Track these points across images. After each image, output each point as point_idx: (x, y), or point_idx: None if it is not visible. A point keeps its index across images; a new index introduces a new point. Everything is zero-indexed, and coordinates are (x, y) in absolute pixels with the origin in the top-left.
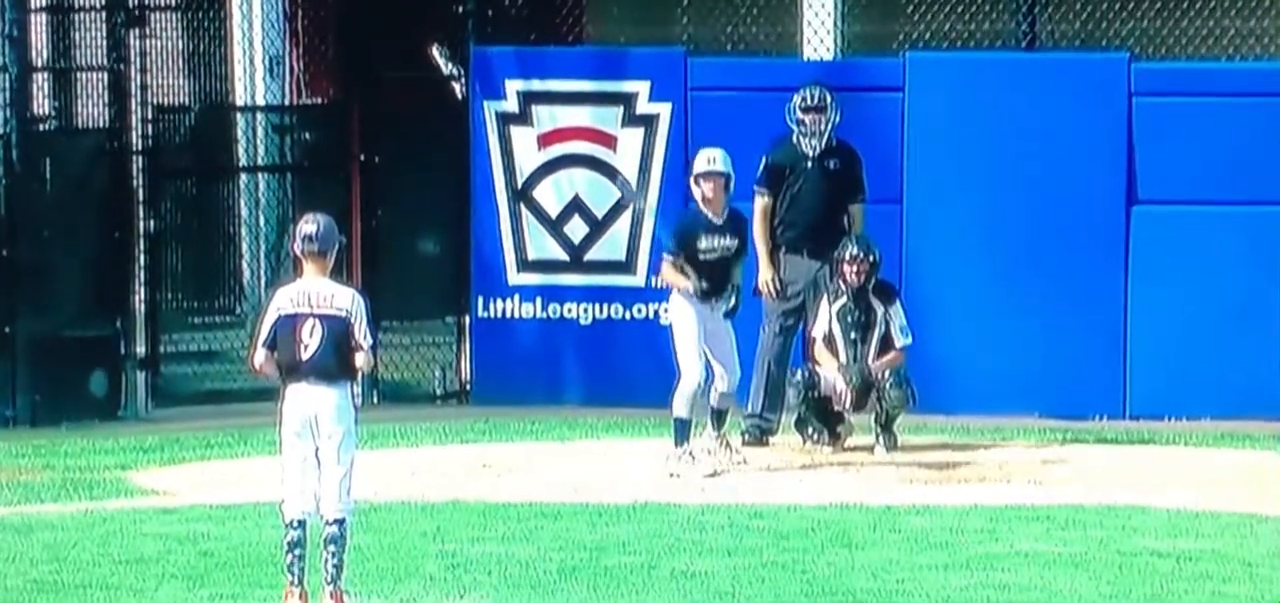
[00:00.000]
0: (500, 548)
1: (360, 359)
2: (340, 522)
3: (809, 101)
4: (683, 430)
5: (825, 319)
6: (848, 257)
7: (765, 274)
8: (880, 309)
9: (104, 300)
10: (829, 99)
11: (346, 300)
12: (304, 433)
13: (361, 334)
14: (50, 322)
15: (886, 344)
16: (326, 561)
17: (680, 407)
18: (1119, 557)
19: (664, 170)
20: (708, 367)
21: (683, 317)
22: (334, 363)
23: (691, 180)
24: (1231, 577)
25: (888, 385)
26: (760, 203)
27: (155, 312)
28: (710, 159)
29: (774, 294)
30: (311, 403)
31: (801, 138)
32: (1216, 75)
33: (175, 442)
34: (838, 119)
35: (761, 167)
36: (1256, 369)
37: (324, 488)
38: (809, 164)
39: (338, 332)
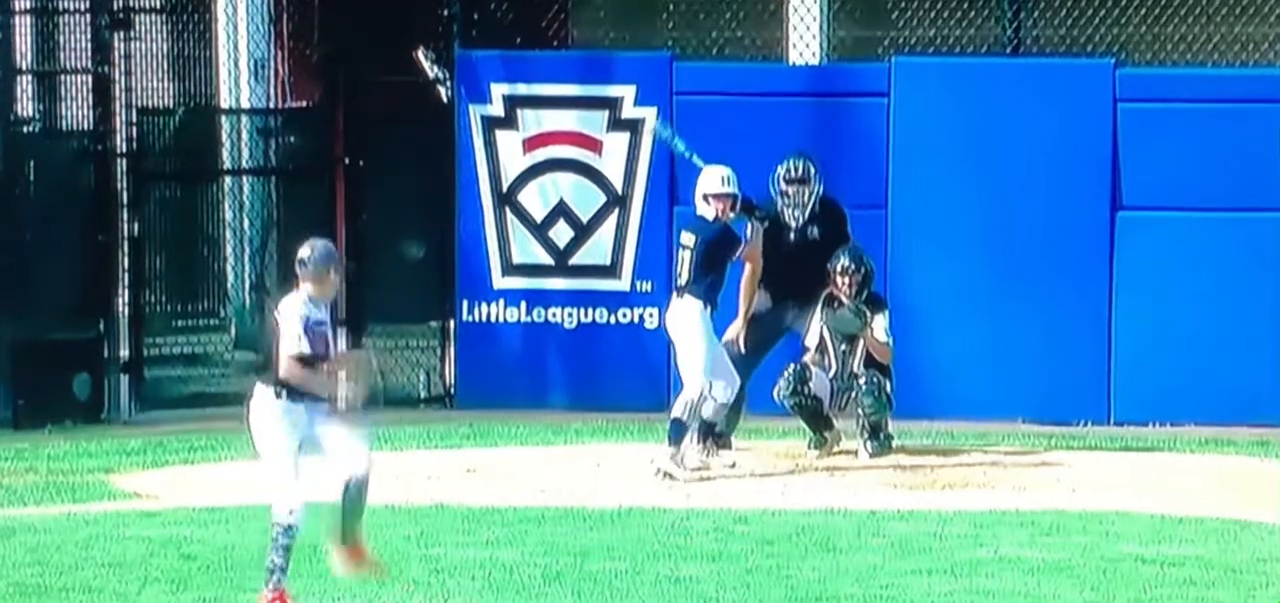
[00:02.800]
0: (485, 553)
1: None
2: (288, 528)
3: (792, 174)
4: (677, 433)
5: (816, 330)
6: (840, 268)
7: (734, 330)
8: (868, 315)
9: (87, 303)
10: (813, 171)
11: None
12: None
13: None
14: (33, 324)
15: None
16: (272, 560)
17: (680, 410)
18: (1103, 563)
19: (649, 175)
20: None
21: (695, 327)
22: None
23: (701, 198)
24: (1215, 583)
25: (861, 392)
26: (750, 270)
27: (139, 315)
28: (724, 179)
29: (741, 350)
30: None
31: (785, 209)
32: (1202, 81)
33: (158, 445)
34: (820, 190)
35: (750, 231)
36: (1241, 375)
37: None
38: (791, 236)
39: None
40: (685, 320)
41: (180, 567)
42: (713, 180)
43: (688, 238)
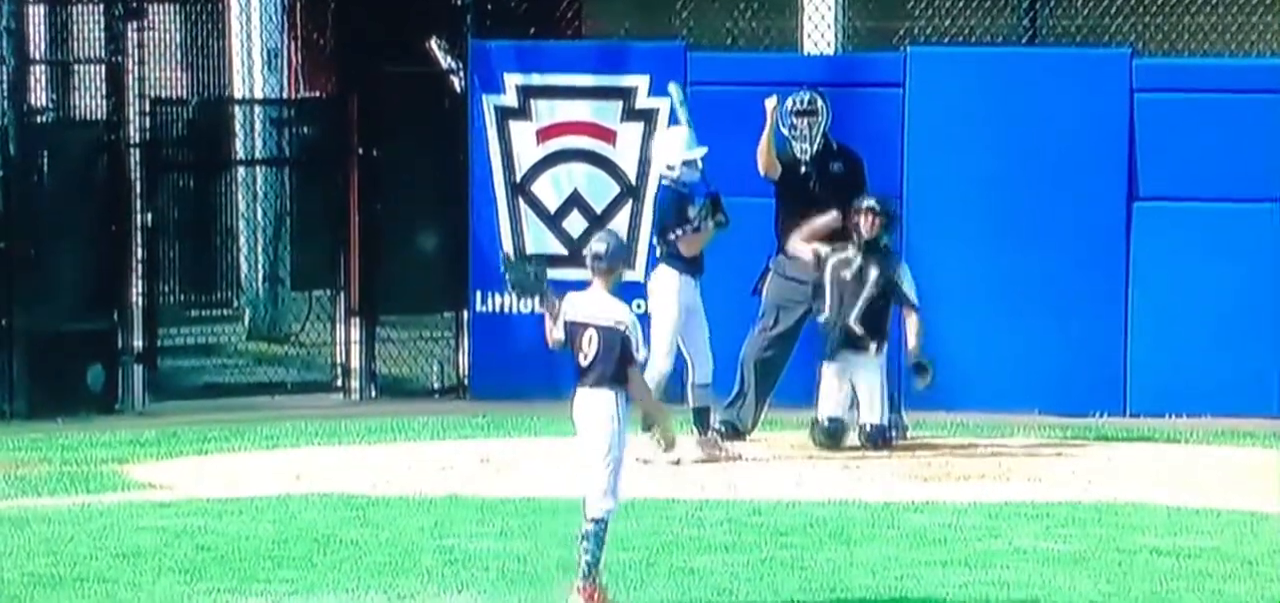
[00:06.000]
0: (498, 543)
1: (632, 371)
2: (596, 521)
3: (799, 105)
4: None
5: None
6: (866, 207)
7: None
8: (874, 272)
9: (101, 294)
10: (820, 102)
11: (624, 315)
12: (581, 434)
13: (635, 347)
14: (47, 315)
15: (872, 311)
16: (580, 556)
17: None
18: (1118, 555)
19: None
20: (679, 358)
21: (670, 300)
22: (606, 372)
23: (672, 166)
24: (1231, 575)
25: (863, 438)
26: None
27: (153, 305)
28: (687, 142)
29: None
30: (584, 406)
31: (794, 141)
32: (1219, 71)
33: (172, 436)
34: (829, 121)
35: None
36: (1257, 367)
37: (588, 486)
38: (806, 167)
39: (613, 343)
40: (657, 291)
41: (194, 557)
42: (678, 147)
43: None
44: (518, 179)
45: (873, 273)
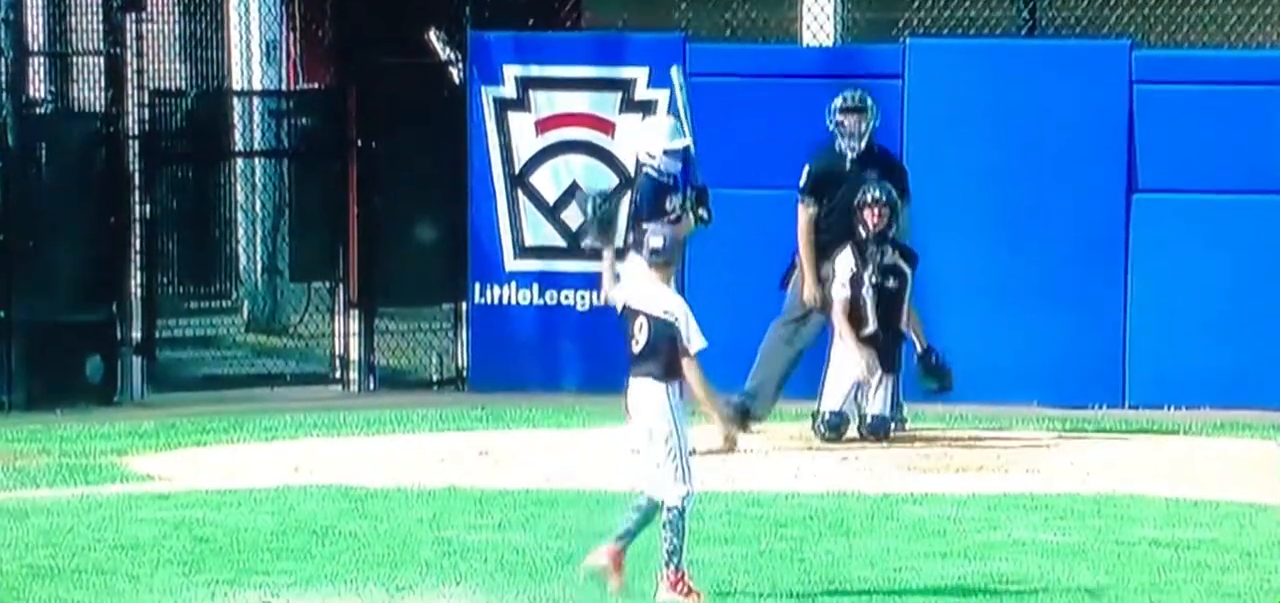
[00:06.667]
0: (497, 535)
1: (685, 363)
2: (673, 509)
3: (848, 103)
4: None
5: (845, 270)
6: (870, 199)
7: (811, 290)
8: (881, 257)
9: (100, 285)
10: (868, 102)
11: (674, 306)
12: (633, 422)
13: (687, 338)
14: (46, 306)
15: (882, 292)
16: (661, 545)
17: None
18: (1117, 546)
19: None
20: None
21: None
22: (657, 363)
23: (653, 154)
24: (1230, 567)
25: (864, 428)
26: (805, 214)
27: (151, 297)
28: (671, 131)
29: (818, 306)
30: (637, 395)
31: (841, 139)
32: (1218, 63)
33: (171, 427)
34: (877, 122)
35: (804, 176)
36: (1257, 359)
37: (654, 477)
38: (848, 167)
39: (661, 334)
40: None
41: (192, 549)
42: (660, 136)
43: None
44: (517, 170)
45: (876, 259)
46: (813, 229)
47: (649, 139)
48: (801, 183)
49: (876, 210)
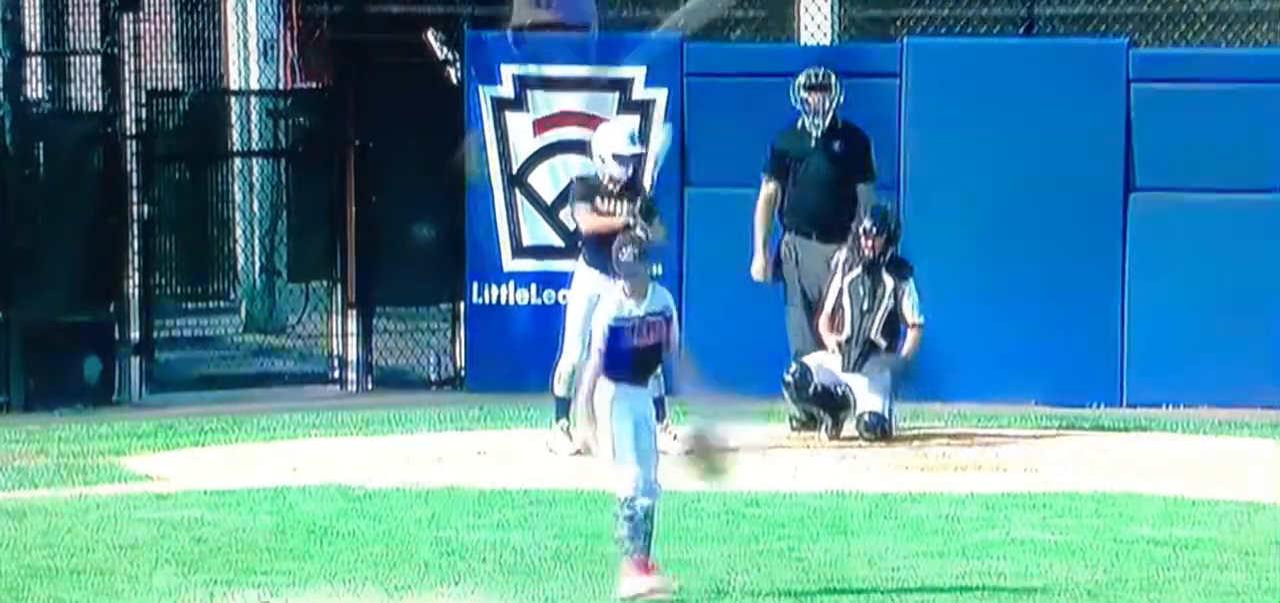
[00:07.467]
0: (495, 535)
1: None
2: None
3: (812, 80)
4: (560, 408)
5: (835, 293)
6: (863, 230)
7: (759, 264)
8: (891, 283)
9: (98, 285)
10: (832, 78)
11: (596, 319)
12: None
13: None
14: (44, 307)
15: (891, 320)
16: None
17: (557, 386)
18: (1115, 545)
19: (660, 156)
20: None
21: (577, 291)
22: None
23: (605, 158)
24: (1228, 565)
25: (862, 427)
26: (765, 189)
27: (149, 297)
28: (631, 137)
29: (768, 280)
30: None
31: (805, 117)
32: (1216, 61)
33: (169, 428)
34: (841, 99)
35: (769, 153)
36: (1254, 358)
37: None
38: (813, 145)
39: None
40: (574, 284)
41: (191, 549)
42: (619, 138)
43: None
44: (514, 170)
45: (888, 284)
46: (768, 206)
47: (604, 137)
48: (765, 161)
49: (870, 240)
